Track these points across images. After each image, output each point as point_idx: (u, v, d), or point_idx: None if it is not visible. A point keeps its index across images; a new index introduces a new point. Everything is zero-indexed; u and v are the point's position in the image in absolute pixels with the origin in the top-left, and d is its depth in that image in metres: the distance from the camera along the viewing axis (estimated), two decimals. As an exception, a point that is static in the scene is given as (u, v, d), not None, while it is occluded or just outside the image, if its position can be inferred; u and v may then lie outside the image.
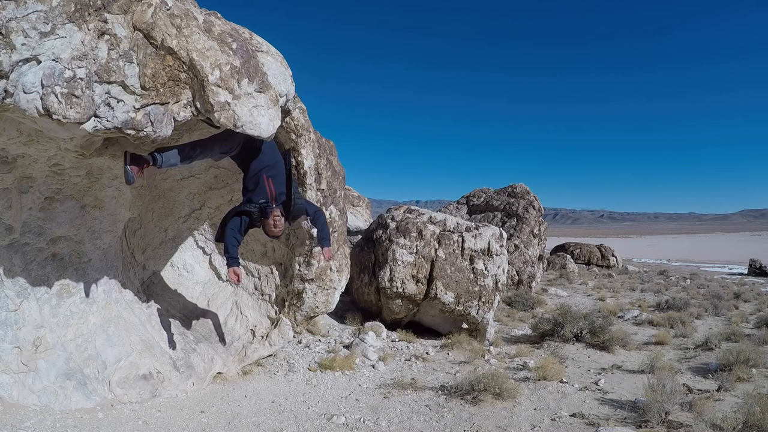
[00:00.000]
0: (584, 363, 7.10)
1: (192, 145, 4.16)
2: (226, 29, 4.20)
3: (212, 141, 4.25)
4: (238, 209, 4.37)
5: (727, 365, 6.44)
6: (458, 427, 4.70)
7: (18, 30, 2.91)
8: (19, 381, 4.10)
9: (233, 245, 4.29)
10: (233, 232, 4.29)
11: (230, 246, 4.28)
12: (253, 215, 4.31)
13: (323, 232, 4.66)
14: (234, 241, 4.29)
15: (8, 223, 4.10)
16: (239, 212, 4.33)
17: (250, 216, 4.31)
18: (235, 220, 4.31)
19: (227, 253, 4.30)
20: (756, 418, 4.32)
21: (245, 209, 4.30)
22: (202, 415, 4.65)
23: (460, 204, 18.95)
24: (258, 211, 4.30)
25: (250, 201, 4.32)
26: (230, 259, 4.28)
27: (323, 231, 4.66)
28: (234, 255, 4.29)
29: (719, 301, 13.33)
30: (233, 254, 4.29)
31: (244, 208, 4.32)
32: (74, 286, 4.65)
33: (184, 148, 4.07)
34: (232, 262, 4.28)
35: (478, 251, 8.47)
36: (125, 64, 3.47)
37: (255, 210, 4.29)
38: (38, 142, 3.79)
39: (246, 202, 4.35)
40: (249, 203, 4.31)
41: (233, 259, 4.28)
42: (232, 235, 4.29)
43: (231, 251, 4.28)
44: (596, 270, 24.91)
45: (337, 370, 6.13)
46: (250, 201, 4.32)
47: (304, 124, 5.65)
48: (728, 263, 40.85)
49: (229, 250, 4.29)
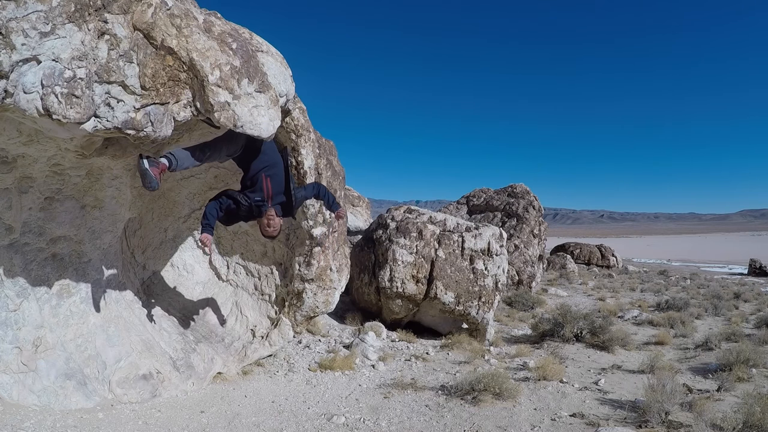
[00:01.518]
0: (584, 363, 7.10)
1: (202, 148, 4.13)
2: (226, 29, 4.20)
3: (220, 144, 4.23)
4: (230, 192, 4.37)
5: (727, 365, 6.43)
6: (458, 427, 4.70)
7: (18, 30, 2.91)
8: (19, 381, 4.10)
9: (212, 215, 4.28)
10: (217, 205, 4.29)
11: (209, 214, 4.28)
12: (241, 205, 4.30)
13: (328, 199, 4.84)
14: (214, 212, 4.28)
15: (8, 223, 4.10)
16: (230, 195, 4.33)
17: (238, 205, 4.30)
18: (223, 198, 4.32)
19: (204, 219, 4.29)
20: (756, 418, 4.32)
21: (236, 196, 4.30)
22: (202, 415, 4.65)
23: (460, 204, 18.95)
24: (248, 206, 4.30)
25: (245, 195, 4.32)
26: (206, 225, 4.27)
27: (328, 199, 4.84)
28: (211, 223, 4.28)
29: (719, 301, 13.33)
30: (210, 222, 4.27)
31: (235, 195, 4.32)
32: (74, 286, 4.65)
33: (195, 151, 4.03)
34: (206, 228, 4.26)
35: (478, 251, 8.47)
36: (125, 64, 3.47)
37: (245, 202, 4.29)
38: (38, 142, 3.79)
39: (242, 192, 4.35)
40: (243, 195, 4.31)
41: (209, 227, 4.26)
42: (215, 207, 4.28)
43: (209, 219, 4.27)
44: (596, 270, 24.91)
45: (337, 370, 6.14)
46: (246, 195, 4.31)
47: (304, 124, 5.65)
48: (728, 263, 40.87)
49: (207, 217, 4.28)
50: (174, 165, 3.82)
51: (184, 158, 3.91)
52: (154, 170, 3.64)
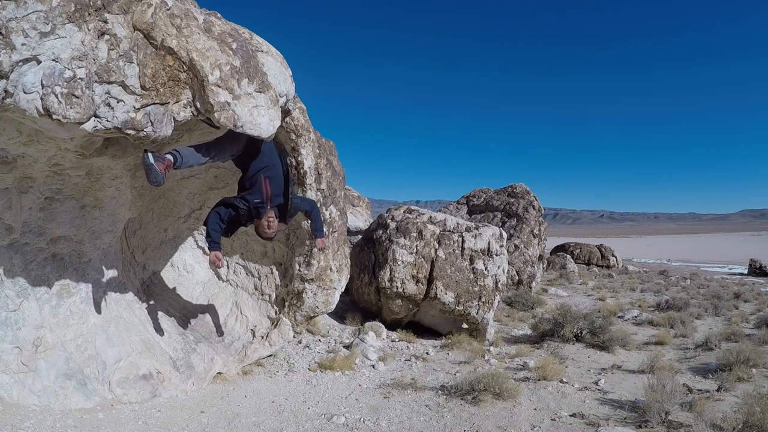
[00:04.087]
0: (584, 363, 7.10)
1: (207, 147, 4.12)
2: (226, 29, 4.20)
3: (224, 143, 4.22)
4: (227, 200, 4.36)
5: (727, 365, 6.43)
6: (458, 427, 4.70)
7: (18, 30, 2.91)
8: (19, 381, 4.10)
9: (215, 230, 4.28)
10: (217, 218, 4.28)
11: (212, 231, 4.27)
12: (240, 210, 4.29)
13: (317, 223, 4.96)
14: (216, 226, 4.28)
15: (8, 223, 4.10)
16: (228, 203, 4.32)
17: (237, 211, 4.29)
18: (221, 208, 4.31)
19: (209, 237, 4.29)
20: (756, 418, 4.32)
21: (234, 203, 4.29)
22: (202, 415, 4.65)
23: (460, 204, 18.95)
24: (247, 210, 4.29)
25: (243, 198, 4.30)
26: (212, 243, 4.27)
27: (317, 222, 4.95)
28: (216, 240, 4.28)
29: (719, 301, 13.32)
30: (215, 239, 4.28)
31: (233, 201, 4.31)
32: (74, 286, 4.65)
33: (200, 150, 4.02)
34: (213, 246, 4.27)
35: (478, 251, 8.47)
36: (125, 64, 3.47)
37: (243, 206, 4.28)
38: (38, 142, 3.79)
39: (239, 197, 4.33)
40: (241, 199, 4.30)
41: (215, 244, 4.27)
42: (216, 221, 4.27)
43: (213, 236, 4.28)
44: (596, 270, 24.91)
45: (337, 370, 6.13)
46: (244, 199, 4.30)
47: (304, 124, 5.65)
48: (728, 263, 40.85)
49: (211, 234, 4.28)
50: (179, 162, 3.80)
51: (189, 156, 3.90)
52: (159, 165, 3.61)
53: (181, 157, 3.82)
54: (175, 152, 3.82)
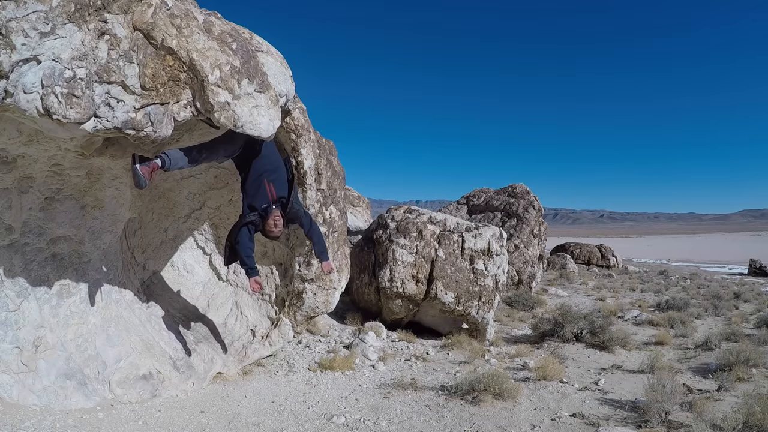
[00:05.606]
0: (584, 363, 7.10)
1: (198, 148, 4.13)
2: (226, 29, 4.20)
3: (217, 145, 4.23)
4: (244, 221, 4.38)
5: (727, 365, 6.43)
6: (458, 427, 4.70)
7: (18, 30, 2.91)
8: (19, 381, 4.10)
9: (248, 256, 4.35)
10: (246, 243, 4.33)
11: (246, 258, 4.35)
12: (256, 223, 4.34)
13: (320, 246, 4.74)
14: (249, 251, 4.35)
15: (8, 223, 4.10)
16: (246, 223, 4.35)
17: (255, 225, 4.35)
18: (243, 231, 4.34)
19: (245, 265, 4.36)
20: (756, 418, 4.32)
21: (250, 220, 4.33)
22: (202, 415, 4.65)
23: (460, 204, 18.95)
24: (260, 218, 4.33)
25: (252, 208, 4.32)
26: (249, 270, 4.35)
27: (320, 245, 4.74)
28: (252, 265, 4.36)
29: (719, 301, 13.32)
30: (251, 264, 4.36)
31: (248, 219, 4.34)
32: (74, 286, 4.65)
33: (191, 152, 4.03)
34: (251, 272, 4.35)
35: (478, 251, 8.47)
36: (125, 64, 3.47)
37: (256, 218, 4.32)
38: (38, 142, 3.79)
39: (249, 212, 4.35)
40: (252, 212, 4.32)
41: (252, 270, 4.35)
42: (246, 246, 4.33)
43: (248, 262, 4.35)
44: (596, 270, 24.91)
45: (337, 370, 6.14)
46: (252, 208, 4.32)
47: (304, 124, 5.65)
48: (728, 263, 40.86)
49: (246, 262, 4.35)
50: (168, 164, 3.83)
51: (178, 158, 3.92)
52: (144, 169, 3.67)
53: (170, 160, 3.85)
54: (163, 155, 3.85)
